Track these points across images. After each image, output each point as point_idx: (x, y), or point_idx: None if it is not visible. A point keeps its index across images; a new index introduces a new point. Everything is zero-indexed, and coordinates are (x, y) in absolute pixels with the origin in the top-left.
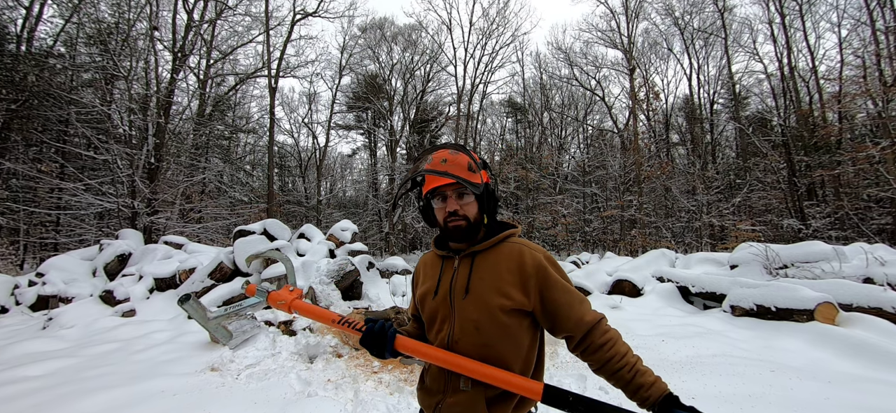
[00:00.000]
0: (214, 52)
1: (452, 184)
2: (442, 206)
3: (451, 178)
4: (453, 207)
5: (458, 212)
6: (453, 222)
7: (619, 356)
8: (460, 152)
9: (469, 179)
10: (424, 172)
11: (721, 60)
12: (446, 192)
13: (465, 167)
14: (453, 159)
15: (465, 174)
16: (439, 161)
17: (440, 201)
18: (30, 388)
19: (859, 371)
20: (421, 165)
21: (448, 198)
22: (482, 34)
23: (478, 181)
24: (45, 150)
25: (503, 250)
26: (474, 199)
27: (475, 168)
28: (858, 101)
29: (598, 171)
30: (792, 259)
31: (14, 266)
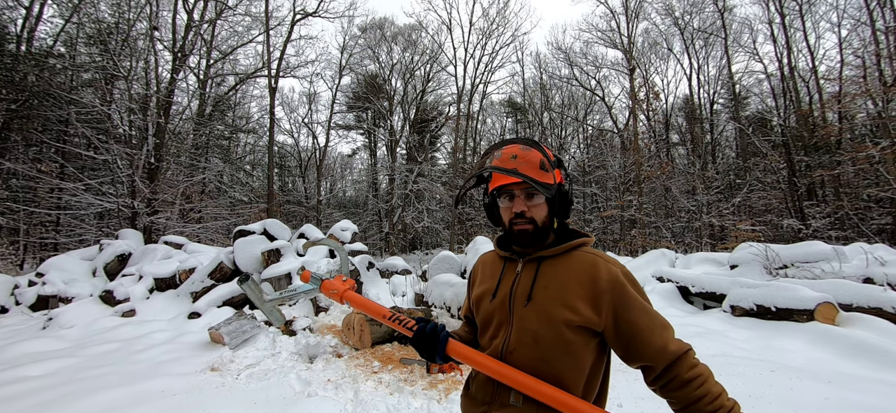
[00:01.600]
0: (214, 52)
1: (520, 183)
2: (508, 205)
3: (520, 176)
4: (520, 209)
5: (525, 214)
6: (519, 225)
7: (711, 397)
8: (532, 149)
9: (539, 179)
10: (492, 169)
11: (721, 60)
12: (514, 191)
13: (536, 165)
14: (524, 156)
15: (536, 173)
16: (509, 157)
17: (507, 200)
18: (30, 388)
19: (859, 371)
20: (488, 160)
21: (516, 197)
22: (482, 34)
23: (550, 181)
24: (45, 150)
25: (574, 260)
26: (545, 200)
27: (548, 166)
28: (858, 101)
29: (598, 171)
30: (792, 259)
31: (14, 266)
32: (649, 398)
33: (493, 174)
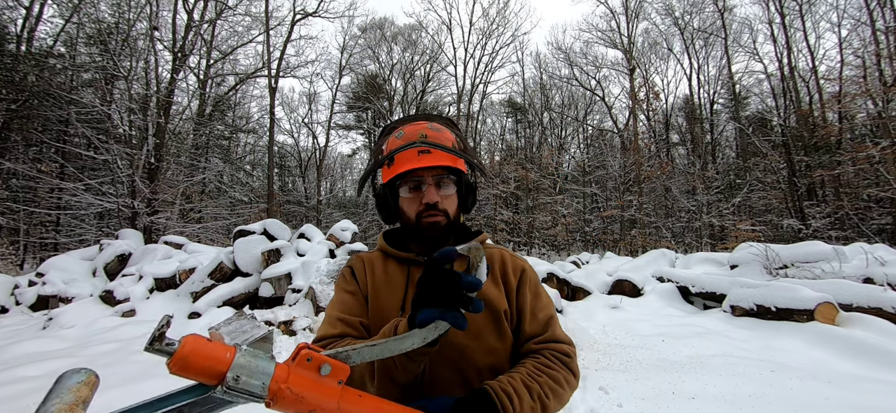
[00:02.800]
0: (214, 52)
1: (434, 169)
2: (414, 195)
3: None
4: (433, 199)
5: (437, 205)
6: (431, 217)
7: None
8: (444, 128)
9: (454, 165)
10: (400, 150)
11: (721, 60)
12: (424, 178)
13: (448, 147)
14: (435, 136)
15: (450, 159)
16: (417, 135)
17: (411, 190)
18: (30, 388)
19: (859, 371)
20: (386, 140)
21: (426, 186)
22: (482, 34)
23: (463, 168)
24: (45, 150)
25: None
26: (455, 191)
27: (458, 150)
28: (858, 101)
29: (598, 171)
30: (792, 259)
31: (14, 266)
32: (649, 398)
33: (394, 159)
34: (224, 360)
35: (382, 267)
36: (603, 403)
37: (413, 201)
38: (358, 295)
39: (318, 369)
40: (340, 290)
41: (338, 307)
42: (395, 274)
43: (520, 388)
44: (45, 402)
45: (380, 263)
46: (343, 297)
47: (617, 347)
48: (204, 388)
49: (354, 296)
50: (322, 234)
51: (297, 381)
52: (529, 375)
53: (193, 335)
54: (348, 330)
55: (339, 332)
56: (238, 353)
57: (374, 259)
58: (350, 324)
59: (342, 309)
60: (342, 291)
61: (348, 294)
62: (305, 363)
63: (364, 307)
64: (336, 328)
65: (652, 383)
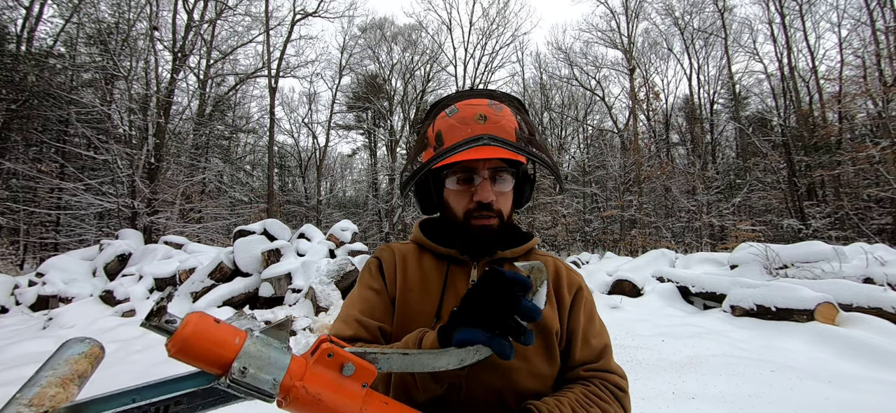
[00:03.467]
0: (214, 52)
1: (490, 159)
2: (464, 189)
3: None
4: (487, 197)
5: (492, 205)
6: (482, 219)
7: None
8: (504, 106)
9: (516, 157)
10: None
11: (721, 60)
12: (479, 169)
13: (511, 134)
14: (496, 119)
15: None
16: (473, 118)
17: (461, 182)
18: None
19: (859, 371)
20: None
21: (480, 179)
22: (482, 34)
23: (523, 159)
24: (45, 150)
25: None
26: (512, 187)
27: (523, 141)
28: (858, 101)
29: (598, 171)
30: (792, 259)
31: (14, 266)
32: (649, 398)
33: (443, 139)
34: (231, 346)
35: (416, 263)
36: None
37: (462, 196)
38: (383, 294)
39: (340, 368)
40: (364, 285)
41: (357, 305)
42: (430, 272)
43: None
44: (39, 372)
45: (414, 258)
46: (365, 294)
47: (617, 347)
48: (206, 378)
49: (379, 294)
50: (322, 234)
51: (315, 380)
52: (578, 402)
53: (199, 313)
54: (362, 333)
55: (352, 333)
56: (249, 338)
57: (408, 253)
58: (367, 327)
59: (362, 308)
60: (365, 287)
61: (372, 292)
62: (326, 359)
63: (388, 309)
64: (350, 329)
65: (652, 383)
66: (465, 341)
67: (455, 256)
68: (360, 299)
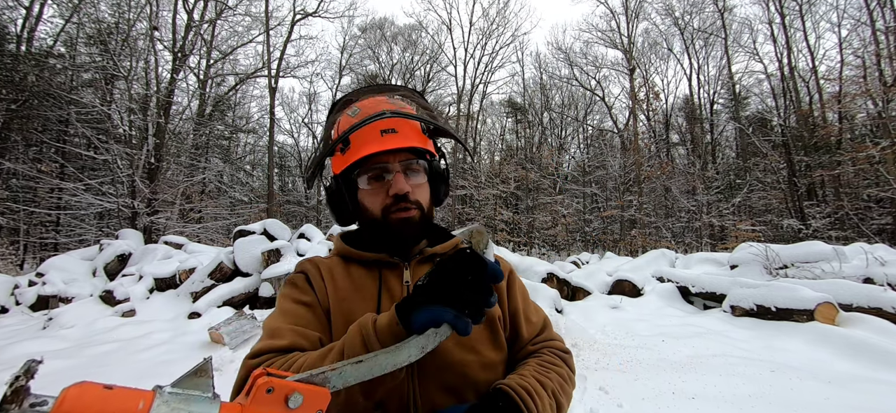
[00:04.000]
0: (214, 52)
1: (401, 151)
2: (377, 186)
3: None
4: (402, 188)
5: (409, 196)
6: (402, 212)
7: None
8: (409, 100)
9: (424, 147)
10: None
11: (721, 60)
12: (389, 163)
13: (417, 127)
14: (396, 109)
15: (420, 138)
16: (378, 110)
17: (372, 179)
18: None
19: (859, 371)
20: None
21: (392, 173)
22: (482, 34)
23: (433, 150)
24: (45, 150)
25: None
26: (426, 178)
27: (427, 128)
28: (858, 101)
29: (598, 171)
30: (792, 259)
31: (14, 266)
32: (649, 398)
33: (350, 142)
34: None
35: (345, 274)
36: (603, 403)
37: (376, 193)
38: (316, 307)
39: (286, 401)
40: (290, 300)
41: (288, 319)
42: (362, 280)
43: (536, 386)
44: None
45: (340, 270)
46: (295, 309)
47: (617, 347)
48: None
49: (311, 308)
50: (322, 234)
51: None
52: (537, 371)
53: (79, 385)
54: (301, 342)
55: (287, 343)
56: (158, 398)
57: (332, 265)
58: (306, 337)
59: (294, 321)
60: (292, 302)
61: (302, 306)
62: (265, 396)
63: (324, 322)
64: (283, 338)
65: (652, 383)
66: (434, 319)
67: (385, 260)
68: (290, 314)
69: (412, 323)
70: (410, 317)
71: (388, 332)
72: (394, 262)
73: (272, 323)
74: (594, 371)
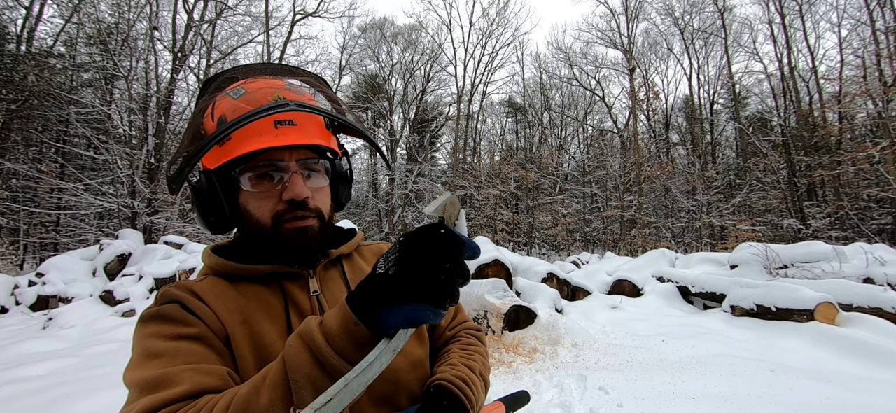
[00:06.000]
0: (214, 52)
1: (300, 148)
2: (266, 188)
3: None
4: (303, 193)
5: (308, 202)
6: (298, 221)
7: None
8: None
9: (327, 144)
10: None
11: (721, 60)
12: (284, 163)
13: (320, 121)
14: (299, 99)
15: (323, 134)
16: (270, 97)
17: (259, 179)
18: (30, 388)
19: (859, 371)
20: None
21: (290, 174)
22: (482, 34)
23: (336, 148)
24: (45, 150)
25: (366, 255)
26: (328, 181)
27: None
28: (858, 101)
29: (598, 171)
30: (792, 259)
31: (14, 266)
32: (649, 398)
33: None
34: None
35: (232, 293)
36: (603, 403)
37: (265, 197)
38: (209, 338)
39: None
40: (165, 338)
41: (173, 361)
42: (260, 297)
43: (468, 373)
44: None
45: (224, 289)
46: (178, 347)
47: (617, 347)
48: None
49: (202, 341)
50: None
51: None
52: (462, 357)
53: None
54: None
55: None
56: None
57: (211, 286)
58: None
59: (184, 361)
60: (171, 340)
61: (188, 341)
62: None
63: (225, 356)
64: (179, 384)
65: (652, 383)
66: (411, 319)
67: (286, 270)
68: (175, 353)
69: (381, 323)
70: (376, 315)
71: (346, 338)
72: (296, 273)
73: (146, 373)
74: (594, 371)
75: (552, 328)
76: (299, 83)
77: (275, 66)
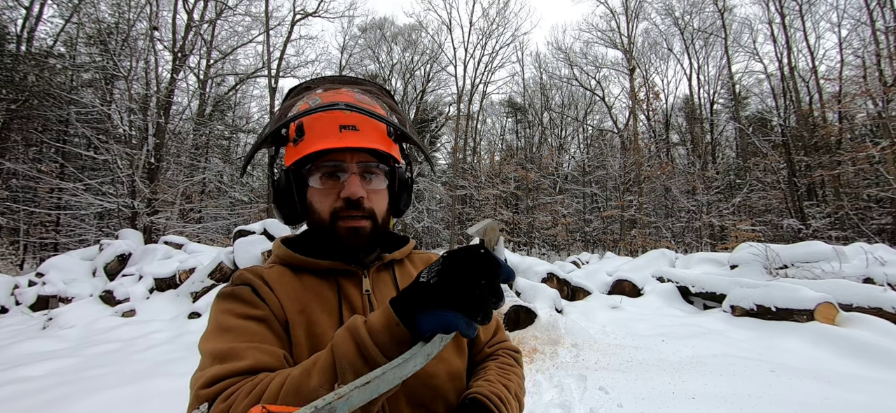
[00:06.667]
0: (214, 52)
1: (361, 152)
2: (329, 186)
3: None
4: (358, 192)
5: (362, 202)
6: (351, 220)
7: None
8: (376, 97)
9: (388, 151)
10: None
11: (721, 60)
12: (346, 163)
13: (382, 128)
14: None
15: (383, 140)
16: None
17: (325, 178)
18: (30, 388)
19: (859, 371)
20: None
21: (347, 174)
22: (482, 34)
23: (398, 156)
24: (45, 150)
25: (417, 262)
26: (386, 185)
27: (394, 132)
28: (858, 101)
29: (598, 171)
30: (792, 259)
31: (14, 266)
32: (649, 398)
33: (304, 130)
34: None
35: (296, 283)
36: (603, 403)
37: (327, 194)
38: (272, 322)
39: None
40: (236, 316)
41: (239, 337)
42: (318, 289)
43: (504, 391)
44: None
45: (289, 279)
46: (246, 326)
47: (617, 347)
48: None
49: (266, 324)
50: None
51: None
52: (499, 375)
53: None
54: (266, 360)
55: (250, 364)
56: None
57: (278, 275)
58: (272, 356)
59: (248, 339)
60: (240, 318)
61: (254, 322)
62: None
63: (283, 339)
64: (243, 359)
65: (652, 383)
66: (445, 325)
67: (343, 267)
68: (242, 331)
69: (419, 326)
70: (415, 318)
71: (387, 335)
72: (351, 271)
73: (219, 345)
74: (594, 371)
75: (552, 328)
76: (365, 92)
77: (346, 78)
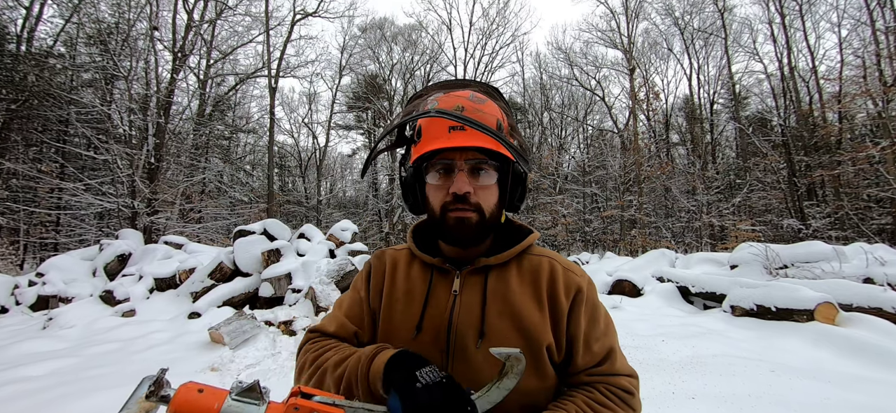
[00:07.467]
0: (214, 52)
1: (468, 150)
2: (441, 182)
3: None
4: (463, 188)
5: (469, 197)
6: (458, 212)
7: None
8: (488, 99)
9: (497, 148)
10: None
11: (721, 60)
12: (455, 161)
13: (493, 126)
14: (475, 109)
15: (489, 139)
16: (453, 107)
17: (440, 175)
18: (30, 388)
19: (859, 371)
20: (419, 107)
21: (456, 171)
22: (482, 34)
23: (508, 154)
24: (45, 150)
25: (524, 266)
26: (496, 181)
27: (506, 130)
28: (858, 101)
29: (598, 171)
30: (792, 259)
31: (14, 266)
32: (649, 398)
33: (422, 132)
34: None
35: (406, 271)
36: None
37: (440, 190)
38: (365, 302)
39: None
40: (354, 287)
41: (345, 305)
42: (417, 281)
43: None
44: None
45: (404, 265)
46: (352, 297)
47: None
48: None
49: (361, 302)
50: (322, 234)
51: None
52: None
53: (185, 386)
54: (342, 333)
55: (334, 330)
56: (227, 400)
57: (400, 259)
58: (346, 330)
59: (347, 309)
60: (354, 289)
61: (357, 296)
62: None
63: (366, 317)
64: (332, 325)
65: (652, 383)
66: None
67: (438, 265)
68: (348, 302)
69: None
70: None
71: (365, 384)
72: (446, 269)
73: (336, 306)
74: None
75: None
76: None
77: (461, 82)
